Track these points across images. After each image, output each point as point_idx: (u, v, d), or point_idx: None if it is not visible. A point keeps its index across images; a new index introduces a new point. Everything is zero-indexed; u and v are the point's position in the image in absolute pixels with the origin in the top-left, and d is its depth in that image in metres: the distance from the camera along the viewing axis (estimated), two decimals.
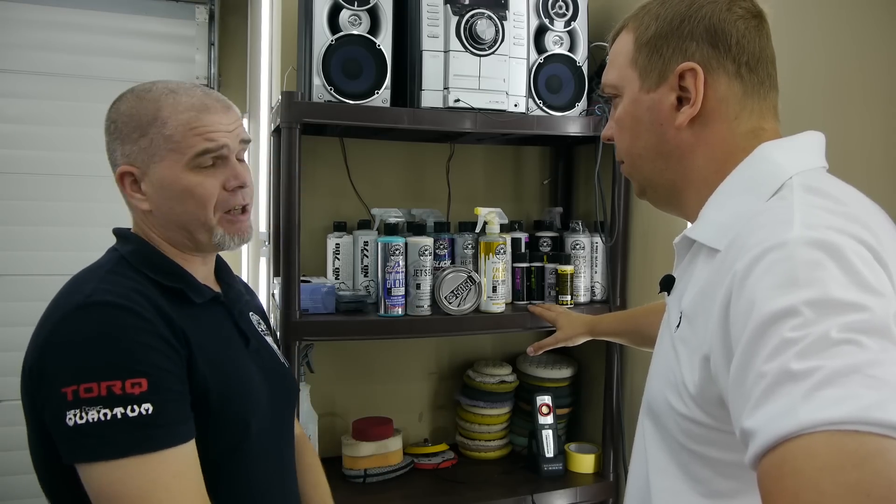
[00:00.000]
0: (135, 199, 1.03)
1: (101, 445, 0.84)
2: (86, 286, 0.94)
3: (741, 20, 0.80)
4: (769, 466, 0.53)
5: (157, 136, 1.00)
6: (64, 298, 0.94)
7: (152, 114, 1.00)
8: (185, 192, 1.01)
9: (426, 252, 1.66)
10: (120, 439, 0.84)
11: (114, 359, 0.87)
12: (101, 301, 0.91)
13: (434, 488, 1.81)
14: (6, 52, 2.71)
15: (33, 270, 2.76)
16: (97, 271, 0.99)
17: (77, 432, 0.84)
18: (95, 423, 0.83)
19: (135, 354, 0.88)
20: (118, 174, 1.03)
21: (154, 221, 1.05)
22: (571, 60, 1.81)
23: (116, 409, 0.84)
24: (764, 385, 0.56)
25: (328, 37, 1.59)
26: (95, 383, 0.84)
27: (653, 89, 0.83)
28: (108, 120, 1.05)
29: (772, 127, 0.81)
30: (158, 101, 1.01)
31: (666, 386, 0.78)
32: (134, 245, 1.04)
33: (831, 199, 0.69)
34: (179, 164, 1.00)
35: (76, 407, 0.84)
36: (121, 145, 1.02)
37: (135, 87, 1.06)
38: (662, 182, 0.86)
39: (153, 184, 1.02)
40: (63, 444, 0.86)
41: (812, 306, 0.57)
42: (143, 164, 1.01)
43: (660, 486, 0.80)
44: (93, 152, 2.77)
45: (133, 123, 1.01)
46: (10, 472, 2.71)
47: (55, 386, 0.86)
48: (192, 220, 1.03)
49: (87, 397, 0.84)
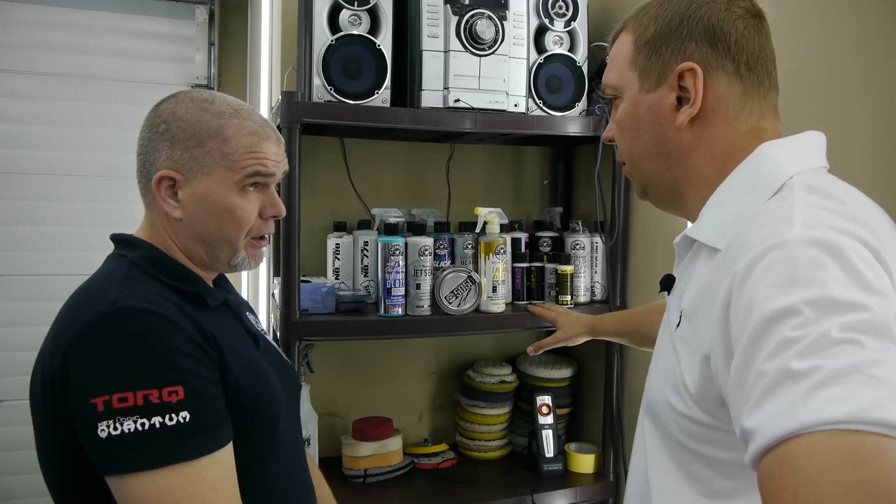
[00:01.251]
0: (167, 205, 1.01)
1: (139, 456, 0.82)
2: (108, 292, 0.90)
3: (740, 20, 0.80)
4: (769, 466, 0.53)
5: (216, 151, 1.00)
6: (84, 306, 0.90)
7: (215, 128, 1.00)
8: (226, 211, 1.01)
9: (426, 252, 1.66)
10: (158, 449, 0.82)
11: (148, 366, 0.84)
12: (130, 307, 0.88)
13: (434, 488, 1.81)
14: (6, 52, 2.71)
15: (33, 270, 2.76)
16: (112, 277, 0.95)
17: (112, 444, 0.81)
18: (132, 434, 0.81)
19: (169, 361, 0.86)
20: (158, 176, 1.00)
21: (178, 230, 1.03)
22: (571, 60, 1.81)
23: (154, 418, 0.82)
24: (764, 384, 0.56)
25: (328, 37, 1.59)
26: (130, 392, 0.81)
27: (652, 90, 0.83)
28: (158, 119, 1.02)
29: (772, 126, 0.81)
30: (223, 117, 1.01)
31: (666, 385, 0.78)
32: (144, 251, 1.01)
33: (832, 198, 0.69)
34: (228, 182, 1.00)
35: (109, 418, 0.81)
36: (169, 148, 1.00)
37: (189, 92, 1.05)
38: (663, 182, 0.86)
39: (193, 194, 1.00)
40: (96, 455, 0.83)
41: (812, 306, 0.57)
42: (189, 173, 1.00)
43: (659, 486, 0.80)
44: (93, 152, 2.79)
45: (191, 131, 1.00)
46: (10, 472, 2.71)
47: (83, 396, 0.83)
48: (222, 238, 1.02)
49: (122, 407, 0.81)
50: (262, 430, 1.01)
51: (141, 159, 1.03)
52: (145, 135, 1.03)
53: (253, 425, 0.98)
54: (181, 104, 1.02)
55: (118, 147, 2.79)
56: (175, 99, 1.04)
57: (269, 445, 1.02)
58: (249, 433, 0.97)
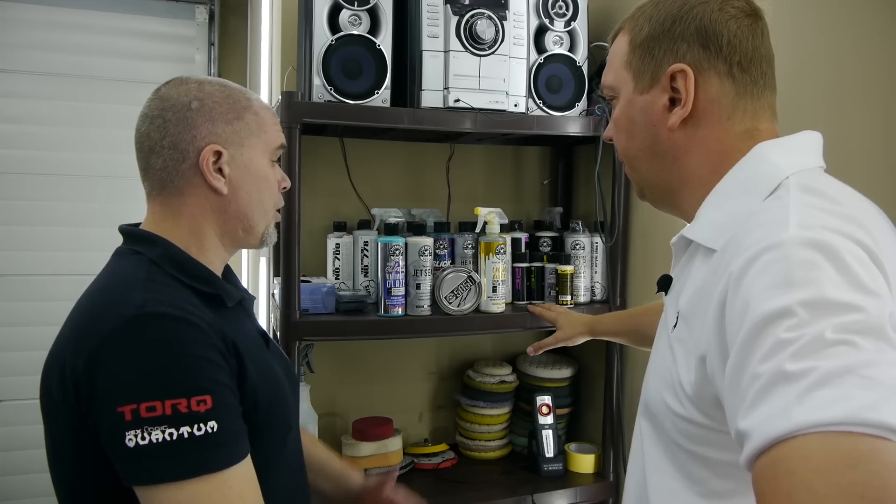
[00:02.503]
0: (213, 178, 0.99)
1: (168, 468, 0.80)
2: (133, 295, 0.87)
3: (733, 20, 0.80)
4: (763, 467, 0.53)
5: (252, 123, 1.03)
6: (107, 309, 0.87)
7: (244, 102, 1.03)
8: (265, 180, 1.05)
9: (426, 252, 1.66)
10: (187, 460, 0.80)
11: (177, 375, 0.82)
12: (157, 312, 0.85)
13: (434, 488, 1.81)
14: (6, 52, 2.71)
15: (33, 270, 2.76)
16: (132, 278, 0.92)
17: (140, 454, 0.79)
18: (160, 444, 0.79)
19: (198, 369, 0.84)
20: (206, 151, 0.98)
21: (217, 207, 1.02)
22: (571, 60, 1.81)
23: (182, 428, 0.80)
24: (759, 386, 0.56)
25: (328, 37, 1.59)
26: (158, 402, 0.79)
27: (646, 91, 0.84)
28: (187, 97, 1.00)
29: (767, 127, 0.81)
30: (244, 93, 1.05)
31: (663, 386, 0.78)
32: (162, 248, 0.98)
33: (828, 199, 0.68)
34: (265, 153, 1.05)
35: (137, 427, 0.79)
36: (210, 124, 0.99)
37: (191, 76, 1.04)
38: (659, 182, 0.87)
39: (239, 166, 1.02)
40: (123, 465, 0.82)
41: (807, 307, 0.57)
42: (232, 146, 1.01)
43: (657, 486, 0.80)
44: (93, 152, 2.80)
45: (226, 105, 1.01)
46: (10, 472, 2.71)
47: (109, 404, 0.81)
48: (261, 209, 1.05)
49: (150, 416, 0.79)
50: (274, 437, 1.00)
51: (168, 142, 0.99)
52: (171, 115, 0.99)
53: (267, 433, 0.97)
54: (205, 84, 1.03)
55: (118, 147, 2.79)
56: (184, 81, 1.03)
57: (279, 451, 1.02)
58: (266, 436, 0.97)
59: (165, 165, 0.99)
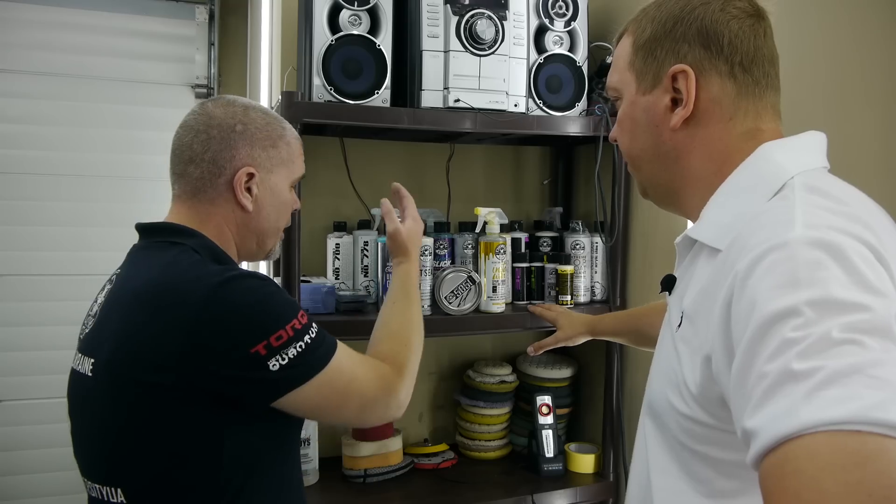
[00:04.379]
0: (244, 197, 1.12)
1: (312, 365, 1.00)
2: (207, 269, 1.01)
3: (734, 20, 0.80)
4: (771, 466, 0.53)
5: (283, 151, 1.16)
6: (190, 283, 0.98)
7: (279, 132, 1.16)
8: (285, 205, 1.19)
9: (426, 252, 1.66)
10: (320, 353, 1.01)
11: (280, 308, 1.00)
12: (238, 275, 1.00)
13: (434, 488, 1.81)
14: (6, 52, 2.71)
15: (33, 270, 2.75)
16: (190, 259, 1.03)
17: (286, 369, 0.97)
18: (298, 354, 0.98)
19: (289, 299, 1.05)
20: (242, 172, 1.11)
21: (240, 221, 1.14)
22: (571, 60, 1.81)
23: (305, 337, 1.00)
24: (765, 385, 0.56)
25: (328, 37, 1.59)
26: (282, 330, 0.97)
27: (648, 91, 0.84)
28: (233, 120, 1.12)
29: (770, 127, 0.81)
30: (282, 122, 1.18)
31: (667, 385, 0.78)
32: (200, 240, 1.09)
33: (833, 199, 0.69)
34: (288, 180, 1.18)
35: (275, 354, 0.96)
36: (249, 148, 1.12)
37: (237, 98, 1.17)
38: (662, 182, 0.88)
39: (266, 188, 1.14)
40: (272, 386, 0.98)
41: (813, 306, 0.57)
42: (263, 171, 1.13)
43: (661, 486, 0.80)
44: (93, 152, 2.79)
45: (265, 132, 1.14)
46: (11, 472, 2.71)
47: (239, 352, 0.95)
48: (276, 229, 1.19)
49: (280, 343, 0.97)
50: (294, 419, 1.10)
51: (208, 155, 1.10)
52: (216, 133, 1.10)
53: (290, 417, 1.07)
54: (250, 109, 1.14)
55: (118, 147, 2.79)
56: (231, 103, 1.14)
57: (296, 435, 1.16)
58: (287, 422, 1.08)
59: (202, 176, 1.11)
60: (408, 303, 1.30)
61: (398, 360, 1.17)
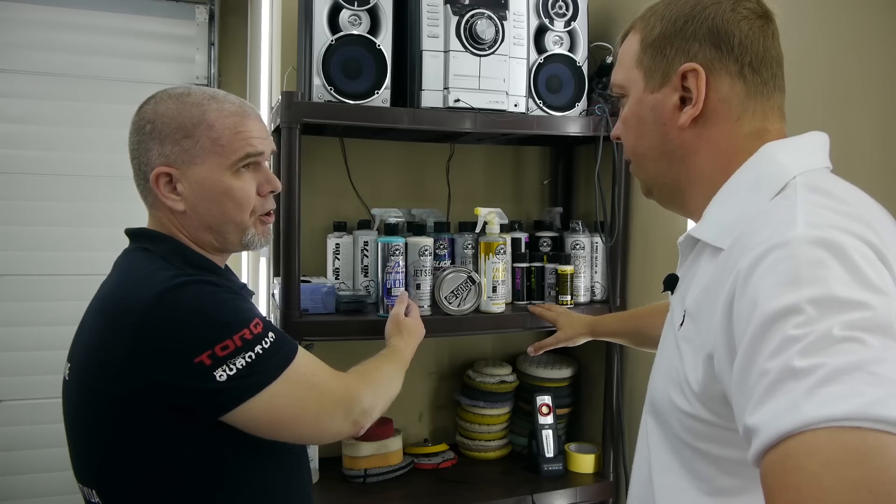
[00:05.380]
0: (169, 200, 1.05)
1: (261, 378, 0.95)
2: (156, 277, 0.97)
3: (745, 20, 0.80)
4: (772, 463, 0.54)
5: (204, 138, 1.04)
6: (138, 292, 0.96)
7: (198, 117, 1.04)
8: (225, 194, 1.06)
9: (426, 252, 1.66)
10: (273, 364, 0.97)
11: (229, 316, 0.96)
12: (185, 281, 0.96)
13: (434, 488, 1.81)
14: (6, 52, 2.71)
15: (33, 270, 2.76)
16: (149, 268, 1.00)
17: (232, 381, 0.93)
18: (248, 365, 0.93)
19: (241, 307, 0.99)
20: (154, 174, 1.04)
21: (184, 222, 1.07)
22: (571, 60, 1.81)
23: (257, 347, 0.95)
24: (767, 382, 0.56)
25: (328, 37, 1.59)
26: (229, 340, 0.93)
27: (656, 90, 0.84)
28: (143, 120, 1.05)
29: (776, 128, 0.82)
30: (202, 105, 1.05)
31: (669, 383, 0.78)
32: (169, 244, 1.06)
33: (835, 198, 0.69)
34: (222, 167, 1.05)
35: (220, 365, 0.92)
36: (159, 145, 1.04)
37: (166, 90, 1.08)
38: (666, 181, 0.87)
39: (191, 185, 1.05)
40: (219, 398, 0.93)
41: (815, 304, 0.57)
42: (183, 165, 1.04)
43: (663, 484, 0.81)
44: (93, 152, 2.79)
45: (175, 125, 1.04)
46: (10, 472, 2.71)
47: (183, 360, 0.91)
48: (227, 221, 1.08)
49: (226, 353, 0.92)
50: None
51: (135, 163, 1.06)
52: (134, 138, 1.07)
53: None
54: (161, 103, 1.06)
55: (118, 147, 2.74)
56: (154, 99, 1.07)
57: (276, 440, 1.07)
58: None
59: (137, 183, 1.08)
60: (392, 360, 1.30)
61: (366, 376, 1.16)
